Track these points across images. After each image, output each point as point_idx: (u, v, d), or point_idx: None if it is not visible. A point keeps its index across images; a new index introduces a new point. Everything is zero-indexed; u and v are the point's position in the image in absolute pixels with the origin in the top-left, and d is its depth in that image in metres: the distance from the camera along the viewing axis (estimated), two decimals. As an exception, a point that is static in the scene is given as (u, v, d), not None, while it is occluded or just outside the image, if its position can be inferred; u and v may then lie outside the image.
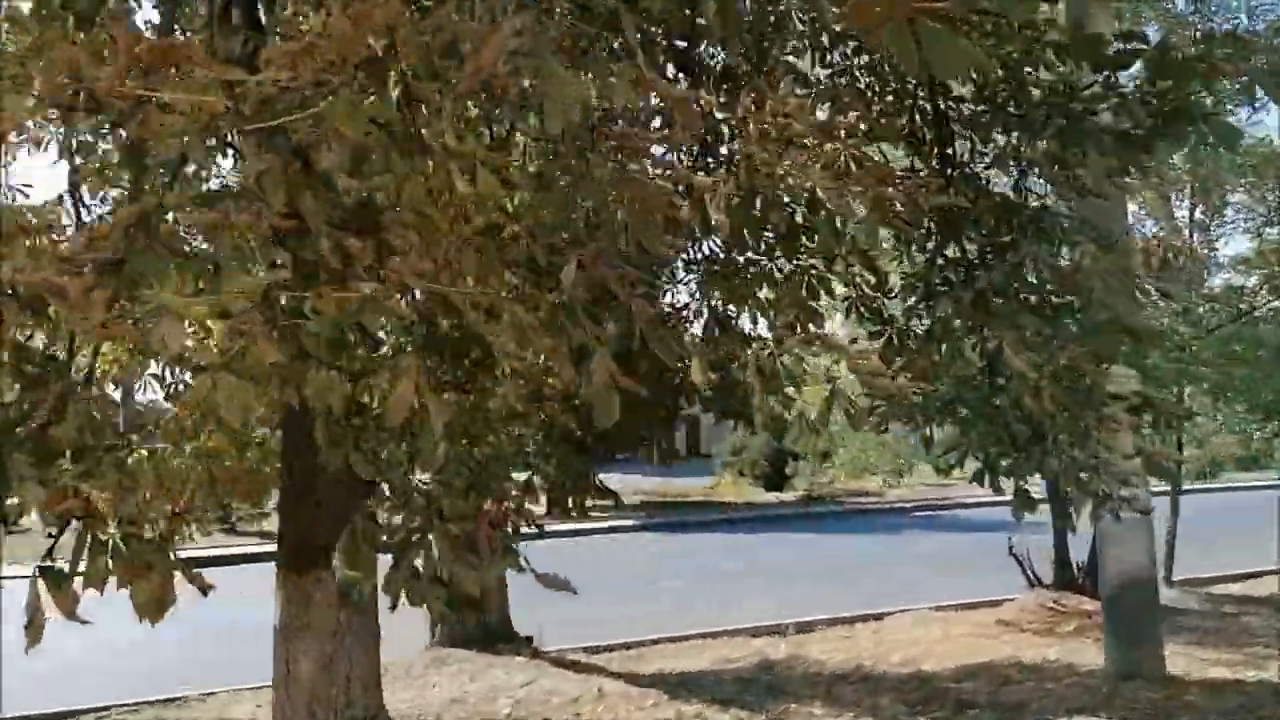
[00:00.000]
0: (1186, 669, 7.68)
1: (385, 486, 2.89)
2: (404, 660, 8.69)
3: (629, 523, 24.76)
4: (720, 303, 4.02)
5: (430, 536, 2.51)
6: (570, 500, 5.50)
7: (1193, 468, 23.82)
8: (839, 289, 5.70)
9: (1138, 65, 4.45)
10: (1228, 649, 8.58)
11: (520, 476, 6.50)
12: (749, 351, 3.55)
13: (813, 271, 5.71)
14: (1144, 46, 4.29)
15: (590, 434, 11.24)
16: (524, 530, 6.27)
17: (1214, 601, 11.40)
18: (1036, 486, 5.05)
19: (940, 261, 5.05)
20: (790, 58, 5.18)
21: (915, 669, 8.28)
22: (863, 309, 5.45)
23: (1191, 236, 12.42)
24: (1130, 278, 4.17)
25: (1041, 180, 4.85)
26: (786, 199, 4.59)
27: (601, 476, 26.39)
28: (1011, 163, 4.50)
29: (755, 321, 4.06)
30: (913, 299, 5.20)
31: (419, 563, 2.54)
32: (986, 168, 4.69)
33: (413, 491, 2.60)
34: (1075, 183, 4.47)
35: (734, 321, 3.92)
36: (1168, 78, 4.19)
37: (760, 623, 11.45)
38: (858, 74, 5.43)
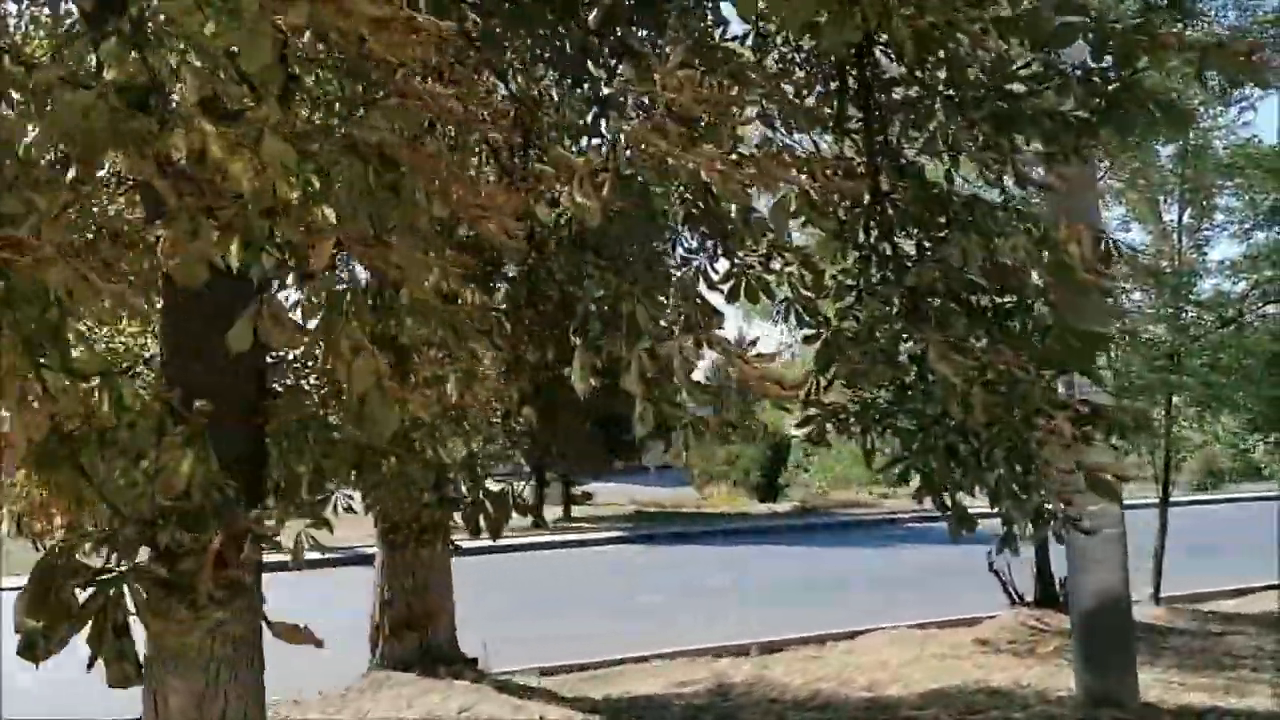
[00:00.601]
0: (1163, 695, 7.24)
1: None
2: (341, 685, 8.29)
3: (615, 534, 24.36)
4: (607, 299, 3.61)
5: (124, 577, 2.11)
6: (482, 521, 5.12)
7: (1190, 480, 23.39)
8: (778, 289, 5.34)
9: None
10: (1211, 673, 8.13)
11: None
12: (634, 352, 3.14)
13: (750, 270, 5.34)
14: (1085, 21, 3.91)
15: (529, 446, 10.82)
16: (453, 546, 5.83)
17: (1202, 620, 10.94)
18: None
19: (875, 258, 4.66)
20: (730, 43, 4.82)
21: (878, 694, 7.85)
22: (800, 310, 5.06)
23: (1180, 240, 11.99)
24: (1073, 275, 3.74)
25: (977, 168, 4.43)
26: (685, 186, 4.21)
27: (595, 486, 26.15)
28: (943, 147, 4.10)
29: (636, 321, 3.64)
30: (849, 299, 4.81)
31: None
32: (917, 153, 4.29)
33: (127, 519, 2.20)
34: (1011, 170, 4.07)
35: (622, 319, 3.51)
36: (1109, 53, 3.80)
37: (731, 641, 11.04)
38: (794, 58, 5.06)
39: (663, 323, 3.31)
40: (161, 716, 4.32)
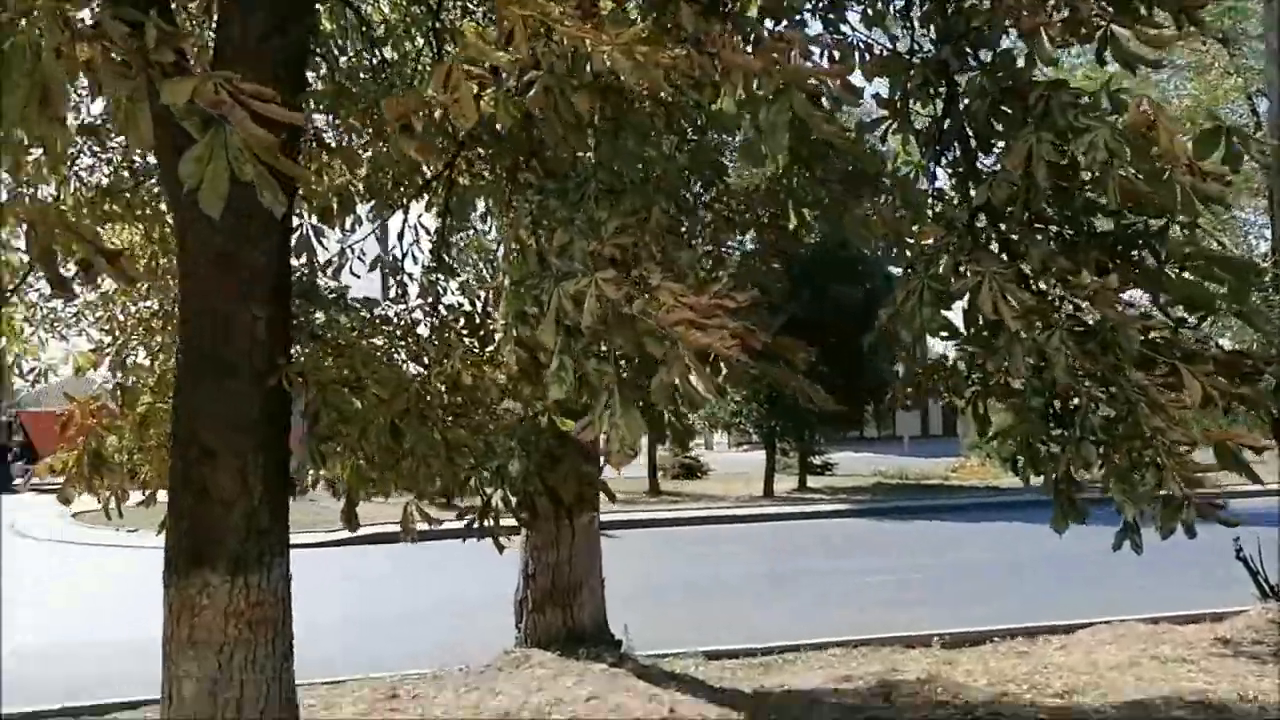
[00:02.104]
0: None
1: None
2: (482, 663, 8.06)
3: (847, 507, 23.35)
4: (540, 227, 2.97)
5: None
6: (538, 501, 4.61)
7: None
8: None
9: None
10: None
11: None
12: (552, 294, 2.52)
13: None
14: None
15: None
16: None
17: None
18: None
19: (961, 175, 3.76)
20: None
21: (1069, 703, 6.76)
22: (894, 253, 4.23)
23: None
24: (1163, 179, 2.75)
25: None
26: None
27: (840, 455, 25.33)
28: (1010, 20, 3.15)
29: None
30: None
31: None
32: (981, 23, 3.33)
33: None
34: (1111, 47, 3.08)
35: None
36: None
37: (939, 630, 10.01)
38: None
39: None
40: (176, 703, 4.12)
